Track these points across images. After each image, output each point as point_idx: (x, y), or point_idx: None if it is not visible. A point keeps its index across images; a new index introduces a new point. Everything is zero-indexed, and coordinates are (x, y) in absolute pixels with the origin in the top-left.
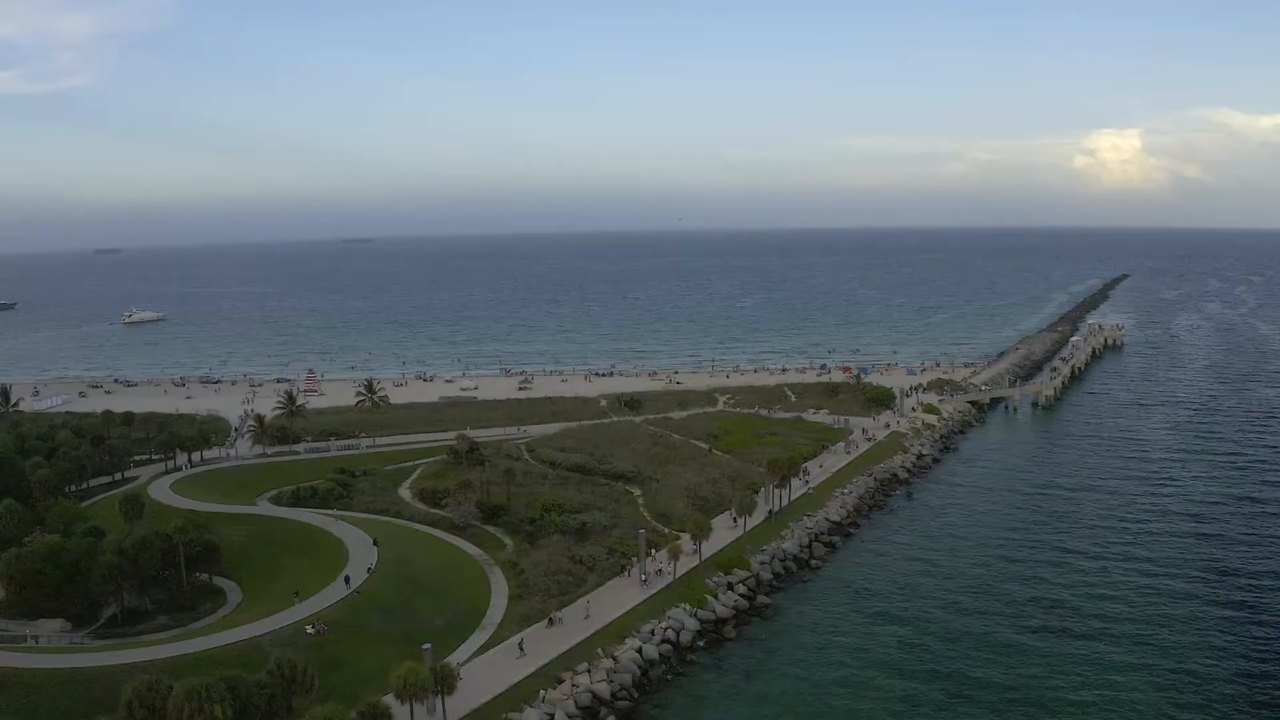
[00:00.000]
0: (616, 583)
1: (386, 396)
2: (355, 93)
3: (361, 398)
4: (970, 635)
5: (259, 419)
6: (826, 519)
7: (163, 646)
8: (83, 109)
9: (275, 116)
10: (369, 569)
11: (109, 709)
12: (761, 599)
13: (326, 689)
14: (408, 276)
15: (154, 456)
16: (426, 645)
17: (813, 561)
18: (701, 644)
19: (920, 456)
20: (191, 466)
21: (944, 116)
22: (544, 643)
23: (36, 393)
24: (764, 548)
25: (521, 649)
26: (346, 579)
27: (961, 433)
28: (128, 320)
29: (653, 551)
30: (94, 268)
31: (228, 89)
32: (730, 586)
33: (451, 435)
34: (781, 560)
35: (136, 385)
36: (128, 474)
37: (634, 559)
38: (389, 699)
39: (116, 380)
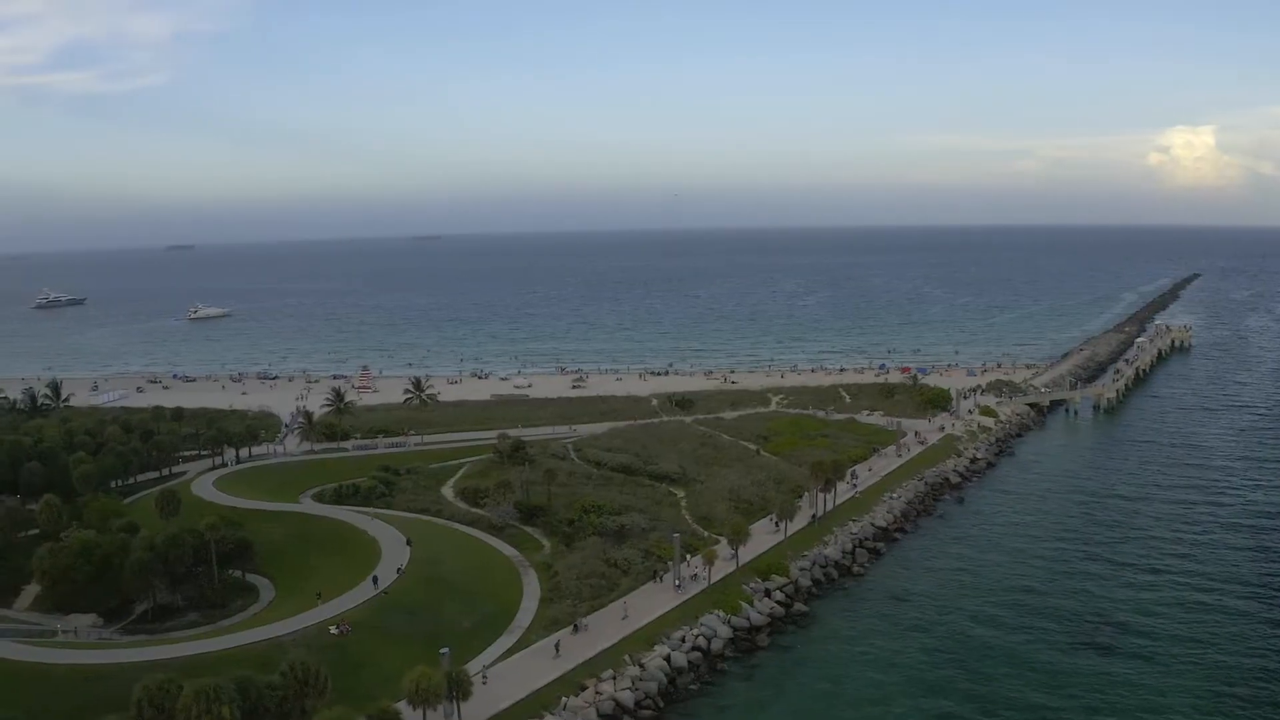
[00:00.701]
0: (649, 587)
1: (435, 394)
2: (427, 91)
3: (410, 395)
4: (1009, 651)
5: (307, 416)
6: (872, 524)
7: (185, 644)
8: (157, 107)
9: (346, 115)
10: (399, 569)
11: (122, 707)
12: (798, 606)
13: (346, 691)
14: (473, 274)
15: (202, 452)
16: (444, 649)
17: (855, 568)
18: (733, 652)
19: (974, 460)
20: (239, 463)
21: (1014, 113)
22: (571, 647)
23: (95, 387)
24: (805, 553)
25: (558, 650)
26: (374, 579)
27: (1019, 436)
28: (193, 316)
29: (687, 557)
30: (166, 264)
31: (300, 88)
32: (767, 593)
33: (497, 433)
34: (822, 567)
35: (195, 381)
36: (175, 470)
37: (669, 563)
38: (403, 704)
39: (175, 376)
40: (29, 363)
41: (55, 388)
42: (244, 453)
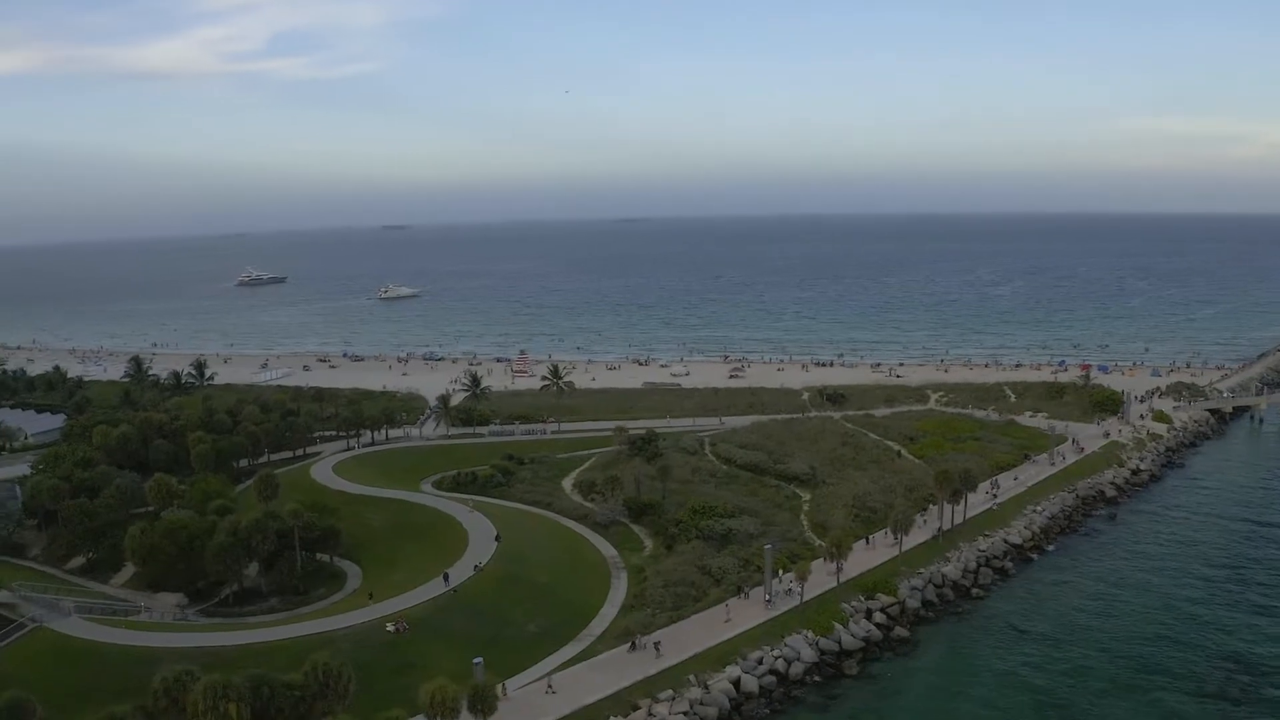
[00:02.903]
0: (736, 601)
1: (572, 382)
2: (630, 75)
3: (547, 382)
4: (1130, 696)
5: (443, 400)
6: (1005, 540)
7: (243, 632)
8: (370, 93)
9: (552, 98)
10: (476, 566)
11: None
12: (899, 631)
13: (386, 693)
14: (666, 258)
15: (340, 434)
16: (478, 659)
17: (974, 590)
18: (814, 678)
19: (1136, 472)
20: (374, 445)
21: (1227, 97)
22: (635, 661)
23: (265, 365)
24: (920, 570)
25: (651, 646)
26: (445, 576)
27: (1193, 446)
28: (383, 296)
29: (779, 571)
30: (378, 244)
31: (506, 73)
32: (868, 614)
33: (641, 423)
34: (937, 586)
35: (363, 360)
36: (311, 450)
37: (771, 574)
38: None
39: (345, 355)
40: (212, 340)
41: (200, 366)
42: (380, 435)
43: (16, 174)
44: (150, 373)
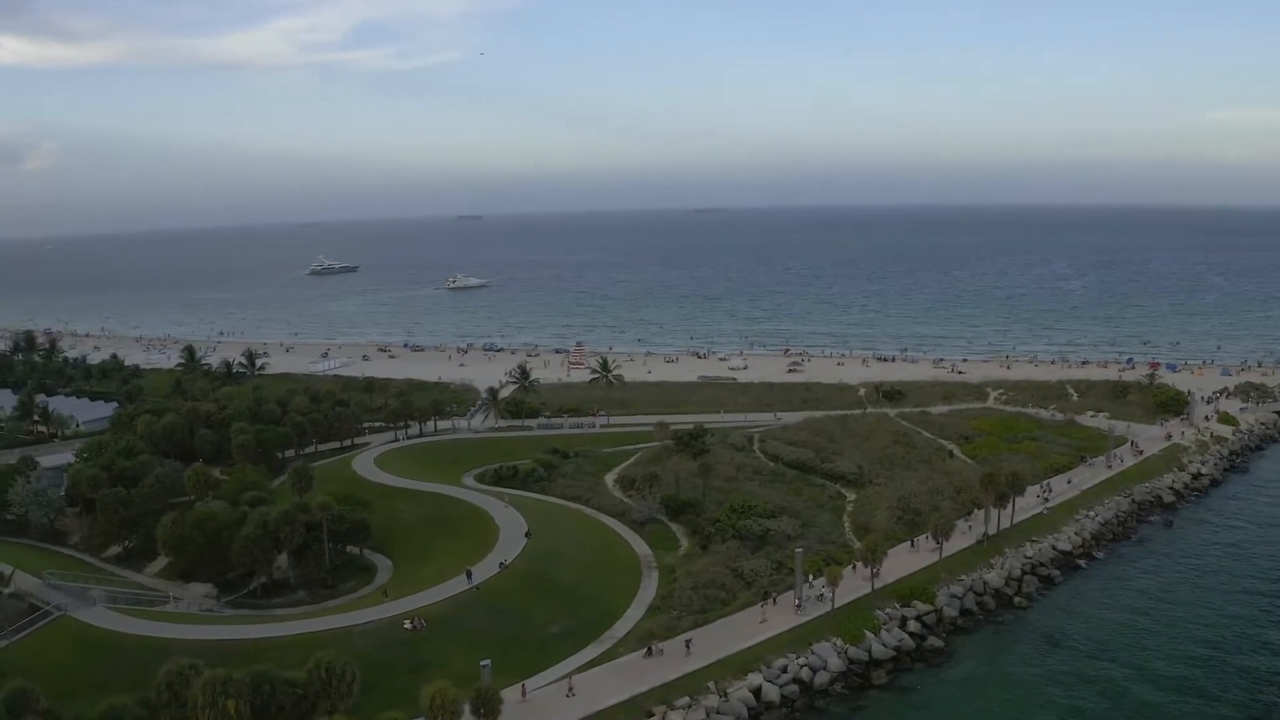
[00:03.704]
0: (762, 608)
1: (621, 375)
2: (705, 67)
3: (596, 375)
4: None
5: (492, 392)
6: (1053, 546)
7: (263, 625)
8: (449, 84)
9: (627, 90)
10: (501, 563)
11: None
12: (933, 641)
13: (397, 691)
14: (737, 248)
15: (389, 425)
16: (485, 661)
17: (1017, 599)
18: (841, 688)
19: (1196, 476)
20: (422, 436)
21: None
22: (653, 665)
23: (326, 354)
24: (961, 577)
25: (682, 645)
26: (468, 573)
27: (1259, 449)
28: (451, 285)
29: (809, 576)
30: (452, 234)
31: (585, 62)
32: (903, 621)
33: (693, 418)
34: (977, 594)
35: (423, 351)
36: (359, 441)
37: (807, 577)
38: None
39: (406, 345)
40: (276, 329)
41: (250, 355)
42: (428, 427)
43: (102, 164)
44: (204, 362)
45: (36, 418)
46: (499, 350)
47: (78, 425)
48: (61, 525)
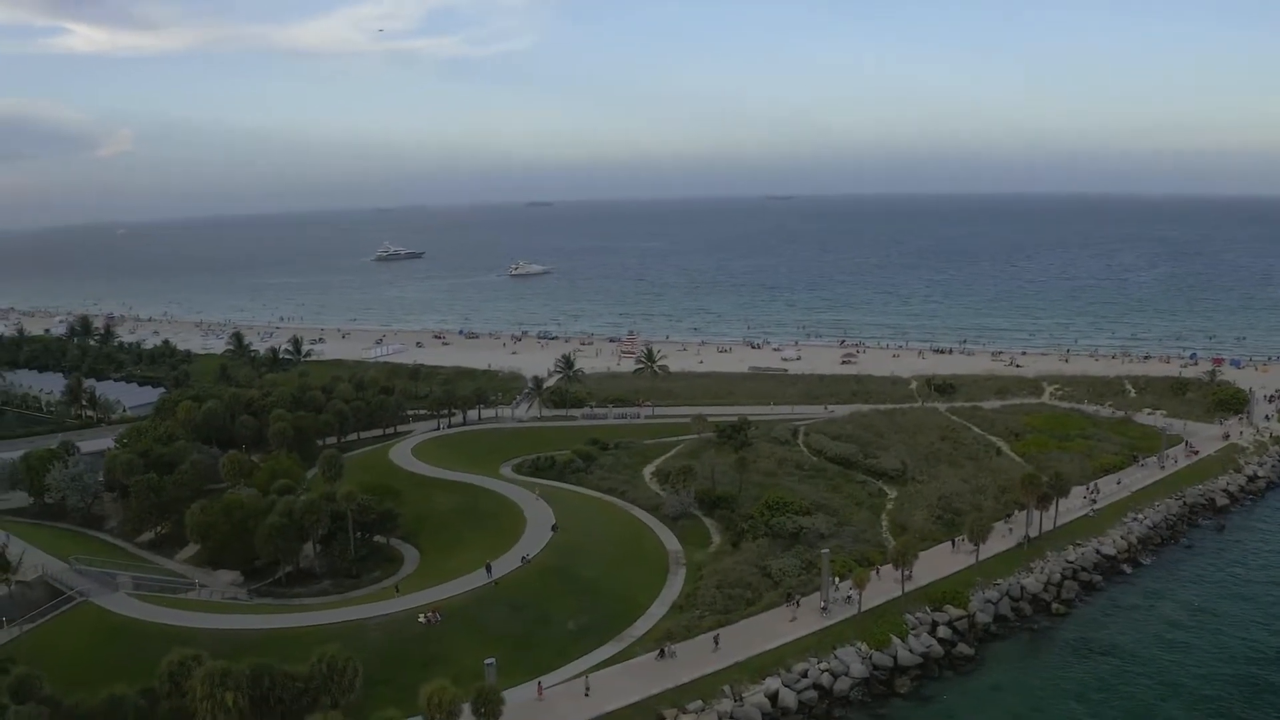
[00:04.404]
0: (789, 609)
1: (666, 365)
2: (779, 53)
3: (641, 366)
4: None
5: (536, 382)
6: (1097, 550)
7: (279, 615)
8: (520, 70)
9: (698, 77)
10: (524, 558)
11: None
12: (962, 648)
13: (408, 685)
14: (802, 236)
15: (432, 413)
16: (490, 660)
17: (1055, 605)
18: (861, 696)
19: (1252, 479)
20: (465, 425)
21: None
22: (668, 667)
23: (380, 341)
24: (998, 581)
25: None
26: (488, 567)
27: None
28: (514, 272)
29: (835, 579)
30: (520, 220)
31: (656, 49)
32: (933, 627)
33: (739, 410)
34: (1013, 600)
35: (477, 338)
36: (402, 429)
37: (835, 579)
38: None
39: (461, 332)
40: (335, 315)
41: (296, 341)
42: (472, 415)
43: (175, 151)
44: (252, 349)
45: (84, 402)
46: (553, 338)
47: (124, 410)
48: (99, 510)
